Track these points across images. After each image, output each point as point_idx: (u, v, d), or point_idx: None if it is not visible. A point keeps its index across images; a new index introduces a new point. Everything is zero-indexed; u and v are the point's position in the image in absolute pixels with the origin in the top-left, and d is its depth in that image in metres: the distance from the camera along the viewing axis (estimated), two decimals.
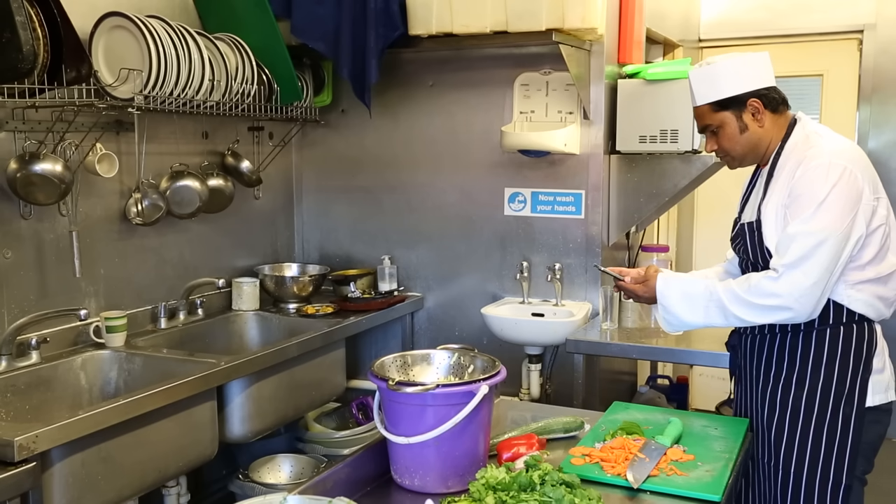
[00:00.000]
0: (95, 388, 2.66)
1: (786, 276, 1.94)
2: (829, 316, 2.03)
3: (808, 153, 2.02)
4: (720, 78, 2.11)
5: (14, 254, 2.52)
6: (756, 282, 1.98)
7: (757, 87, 2.09)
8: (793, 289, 1.93)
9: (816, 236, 1.92)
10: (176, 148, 3.09)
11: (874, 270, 2.02)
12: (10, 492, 1.81)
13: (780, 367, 2.10)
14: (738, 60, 2.11)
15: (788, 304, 1.94)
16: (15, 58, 2.12)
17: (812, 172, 1.97)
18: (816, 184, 1.96)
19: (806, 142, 2.06)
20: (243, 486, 2.95)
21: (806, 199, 1.96)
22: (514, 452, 1.81)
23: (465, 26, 3.04)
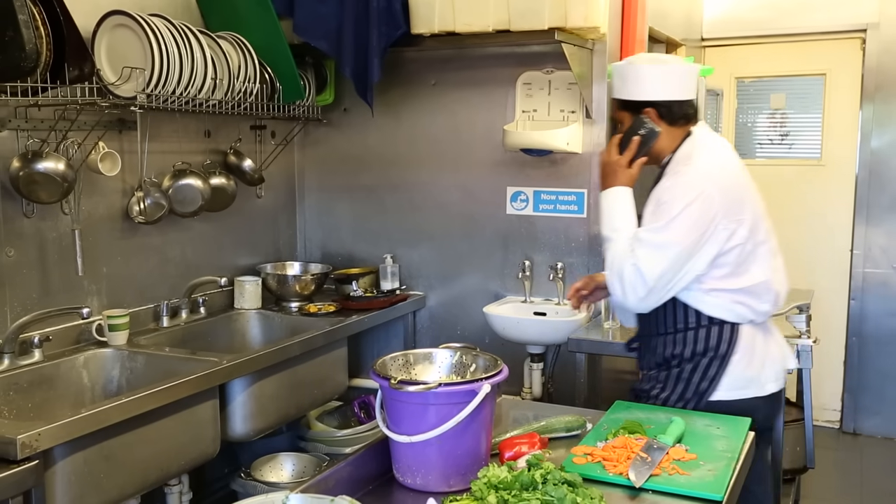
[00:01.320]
0: (98, 386, 2.66)
1: (629, 271, 2.14)
2: (689, 319, 2.23)
3: (681, 169, 2.19)
4: (628, 80, 2.27)
5: (17, 252, 2.52)
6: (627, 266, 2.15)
7: (659, 98, 2.24)
8: (631, 282, 2.13)
9: (660, 246, 2.11)
10: (178, 146, 3.09)
11: (733, 282, 2.19)
12: (12, 490, 1.81)
13: (660, 365, 2.30)
14: (652, 70, 2.26)
15: (624, 291, 2.15)
16: (18, 56, 2.12)
17: (675, 188, 2.15)
18: (675, 200, 2.13)
19: (688, 157, 2.22)
20: (245, 485, 2.95)
21: (662, 210, 2.14)
22: (517, 451, 1.81)
23: (468, 25, 3.04)
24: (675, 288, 2.16)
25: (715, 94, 3.40)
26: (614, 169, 2.30)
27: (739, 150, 4.90)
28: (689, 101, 2.28)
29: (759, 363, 2.25)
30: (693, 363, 2.23)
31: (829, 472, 4.20)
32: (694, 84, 2.31)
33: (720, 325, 2.21)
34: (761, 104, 5.05)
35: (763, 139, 5.08)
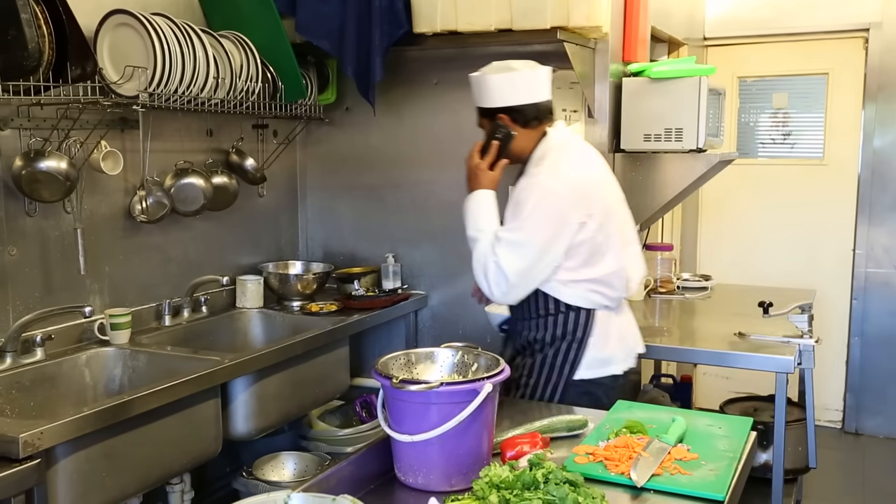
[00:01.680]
0: (100, 385, 2.67)
1: (492, 269, 2.32)
2: (549, 306, 2.43)
3: (533, 170, 2.38)
4: (482, 89, 2.44)
5: (19, 251, 2.53)
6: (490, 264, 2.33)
7: (509, 103, 2.40)
8: (494, 279, 2.32)
9: (517, 244, 2.30)
10: (180, 145, 3.09)
11: (587, 273, 2.38)
12: (14, 488, 1.81)
13: (525, 349, 2.53)
14: (500, 78, 2.41)
15: (490, 287, 2.34)
16: (20, 55, 2.12)
17: (528, 189, 2.33)
18: (527, 199, 2.30)
19: (541, 158, 2.40)
20: (247, 484, 2.96)
21: (518, 210, 2.31)
22: (518, 451, 1.81)
23: (470, 24, 3.04)
24: (536, 281, 2.36)
25: (717, 94, 3.39)
26: (476, 173, 2.44)
27: (741, 149, 4.94)
28: (540, 103, 2.44)
29: (613, 345, 2.47)
30: (554, 347, 2.45)
31: (830, 472, 4.20)
32: (545, 87, 2.47)
33: (577, 311, 2.42)
34: (763, 104, 5.05)
35: (765, 139, 5.07)
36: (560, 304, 2.42)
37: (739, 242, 4.98)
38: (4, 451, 1.84)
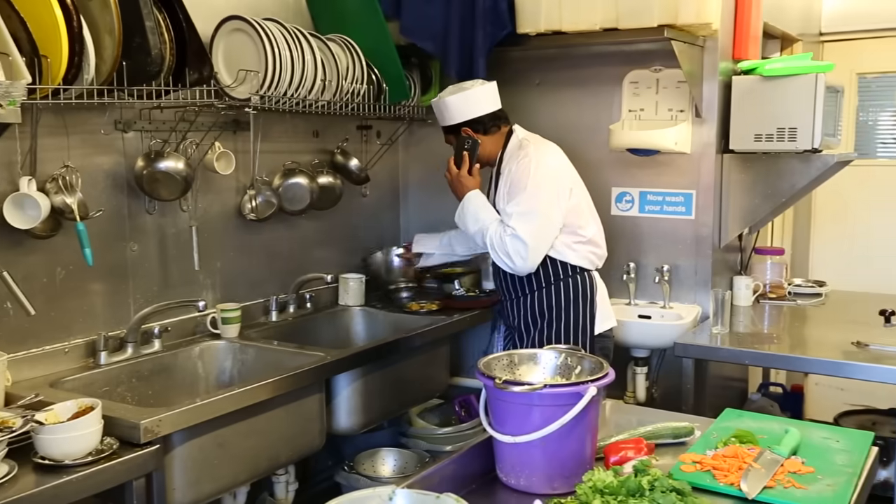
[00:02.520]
0: (211, 376, 2.78)
1: (509, 241, 2.69)
2: (559, 272, 2.79)
3: (519, 153, 2.77)
4: (444, 111, 2.86)
5: (140, 247, 2.66)
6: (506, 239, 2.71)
7: (469, 117, 2.83)
8: (514, 249, 2.68)
9: (525, 213, 2.68)
10: (288, 146, 3.18)
11: (584, 233, 2.79)
12: (136, 472, 1.91)
13: (535, 318, 2.83)
14: (456, 98, 2.82)
15: (512, 259, 2.70)
16: (144, 61, 2.23)
17: (519, 168, 2.73)
18: (522, 175, 2.70)
19: (519, 147, 2.81)
20: (348, 478, 3.02)
21: (516, 187, 2.71)
22: (622, 456, 1.78)
23: (575, 24, 3.01)
24: (548, 242, 2.74)
25: (835, 92, 3.23)
26: (459, 180, 2.85)
27: (860, 149, 4.69)
28: (495, 111, 2.88)
29: (606, 301, 2.90)
30: (574, 309, 2.80)
31: None
32: (495, 97, 2.90)
33: (582, 273, 2.81)
34: (885, 101, 4.77)
35: (886, 138, 4.80)
36: (568, 268, 2.78)
37: (856, 247, 4.72)
38: (127, 437, 1.94)
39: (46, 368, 2.38)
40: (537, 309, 2.83)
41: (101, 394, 2.30)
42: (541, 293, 2.81)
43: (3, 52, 1.77)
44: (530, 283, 2.82)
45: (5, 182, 2.23)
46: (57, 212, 2.29)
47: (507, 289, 2.90)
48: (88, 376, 2.40)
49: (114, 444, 1.91)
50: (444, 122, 2.89)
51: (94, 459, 1.84)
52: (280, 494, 2.80)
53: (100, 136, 2.51)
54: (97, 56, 2.16)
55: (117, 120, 2.54)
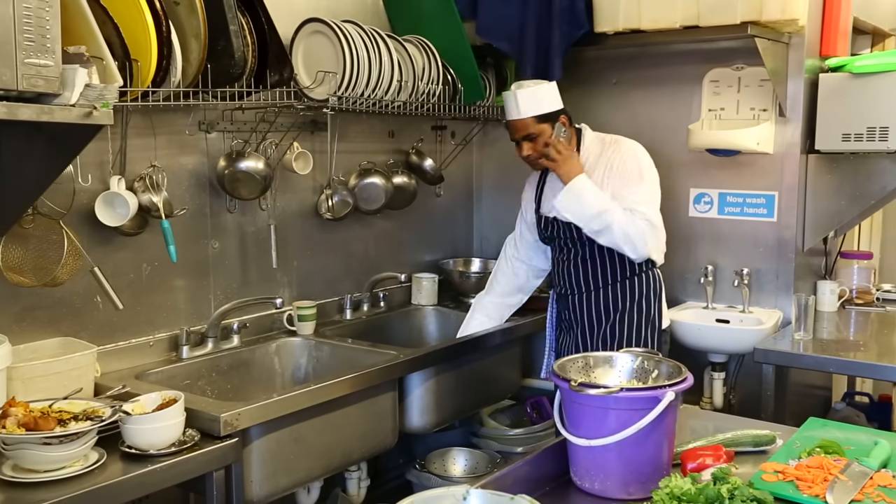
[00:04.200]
0: (287, 372, 2.83)
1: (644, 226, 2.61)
2: (636, 266, 2.75)
3: (614, 144, 2.75)
4: (538, 98, 2.71)
5: (221, 245, 2.73)
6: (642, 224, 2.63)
7: (561, 106, 2.73)
8: (648, 233, 2.63)
9: (650, 201, 2.66)
10: (364, 146, 3.22)
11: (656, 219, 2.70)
12: (216, 463, 1.96)
13: (608, 312, 2.77)
14: (548, 86, 2.73)
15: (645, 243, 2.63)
16: (228, 63, 2.29)
17: (630, 159, 2.70)
18: (634, 166, 2.68)
19: (612, 142, 2.76)
20: (420, 476, 3.03)
21: (632, 177, 2.66)
22: (700, 463, 1.74)
23: (654, 22, 2.96)
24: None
25: None
26: (572, 158, 2.68)
27: None
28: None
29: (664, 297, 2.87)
30: (646, 303, 2.76)
31: None
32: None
33: (653, 268, 2.78)
34: None
35: None
36: (644, 262, 2.73)
37: None
38: (207, 429, 2.00)
39: (132, 361, 2.46)
40: (610, 303, 2.77)
41: (182, 386, 2.38)
42: (615, 287, 2.76)
43: (98, 56, 1.85)
44: (605, 276, 2.76)
45: (97, 181, 2.32)
46: (144, 210, 2.38)
47: (580, 283, 2.80)
48: (171, 369, 2.48)
49: (195, 436, 1.96)
50: (540, 110, 2.70)
51: (177, 450, 1.89)
52: (352, 490, 2.84)
53: (184, 137, 2.59)
54: (184, 59, 2.23)
55: (201, 121, 2.62)
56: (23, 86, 1.67)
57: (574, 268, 2.80)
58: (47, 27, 1.69)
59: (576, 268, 2.79)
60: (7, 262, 2.13)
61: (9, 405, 1.76)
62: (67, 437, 1.72)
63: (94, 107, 1.79)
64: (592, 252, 2.75)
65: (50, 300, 2.27)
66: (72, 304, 2.33)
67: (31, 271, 2.15)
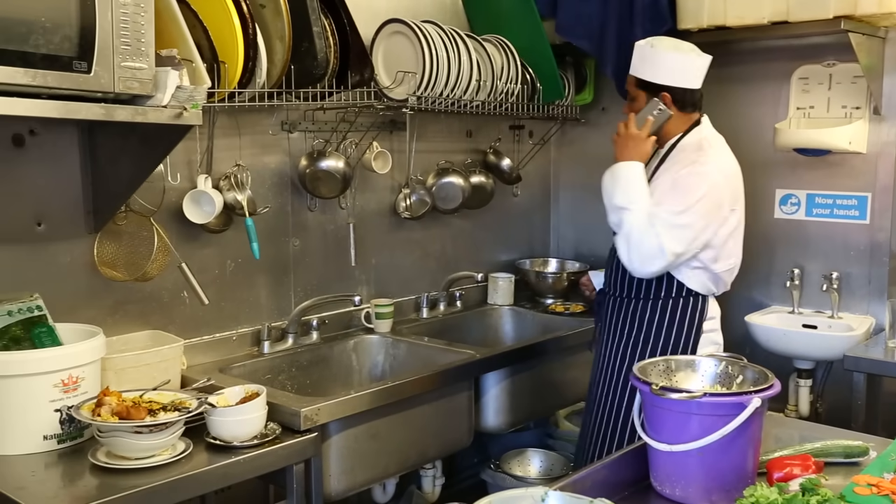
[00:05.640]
0: (364, 369, 2.87)
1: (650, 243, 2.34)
2: (672, 289, 2.48)
3: (699, 158, 2.40)
4: (648, 62, 2.44)
5: (301, 242, 2.78)
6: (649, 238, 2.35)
7: (675, 84, 2.42)
8: (649, 253, 2.35)
9: (680, 227, 2.34)
10: (442, 146, 3.24)
11: (715, 266, 2.45)
12: (296, 457, 2.00)
13: (632, 328, 2.53)
14: (674, 56, 2.42)
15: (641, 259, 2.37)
16: (311, 64, 2.33)
17: (694, 176, 2.36)
18: (694, 187, 2.35)
19: (698, 146, 2.44)
20: (494, 476, 3.03)
21: (681, 194, 2.35)
22: (787, 473, 1.68)
23: (740, 18, 2.88)
24: (680, 264, 2.41)
25: None
26: (636, 142, 2.43)
27: None
28: (697, 90, 2.47)
29: (716, 331, 2.56)
30: (676, 330, 2.49)
31: None
32: (703, 75, 2.48)
33: (696, 295, 2.49)
34: None
35: None
36: (683, 289, 2.48)
37: None
38: (288, 423, 2.04)
39: (216, 354, 2.54)
40: (637, 316, 2.52)
41: (263, 381, 2.43)
42: (645, 303, 2.51)
43: (188, 59, 1.91)
44: (639, 288, 2.52)
45: (185, 179, 2.40)
46: (228, 208, 2.44)
47: (619, 283, 2.58)
48: (253, 363, 2.54)
49: (277, 430, 2.00)
50: (646, 75, 2.45)
51: (259, 443, 1.94)
52: (427, 488, 2.86)
53: (268, 137, 2.65)
54: (268, 61, 2.28)
55: (284, 121, 2.67)
56: (119, 88, 1.74)
57: (616, 271, 2.58)
58: (142, 31, 1.76)
59: (620, 273, 2.56)
60: (101, 258, 2.22)
61: (103, 394, 1.84)
62: (157, 426, 1.78)
63: (185, 108, 1.86)
64: None
65: (140, 294, 2.36)
66: (160, 298, 2.41)
67: (124, 266, 2.24)
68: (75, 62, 1.67)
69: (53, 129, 2.14)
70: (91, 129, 2.19)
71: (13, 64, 1.58)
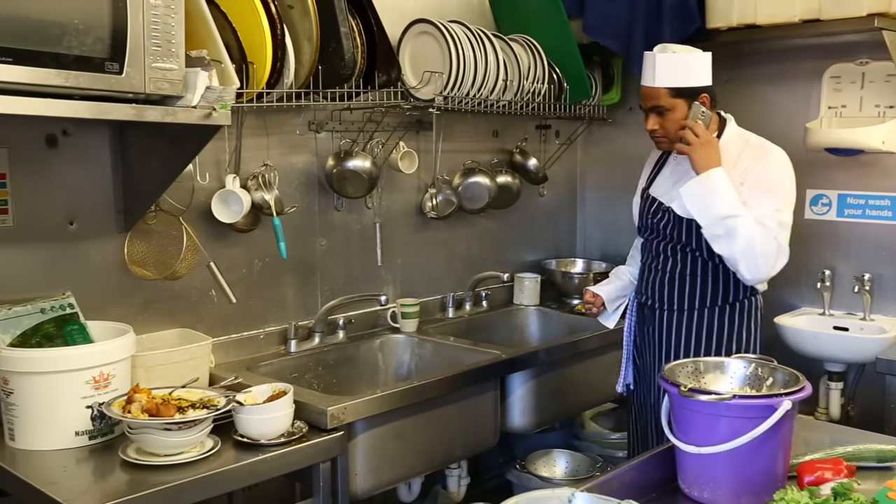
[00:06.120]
0: (390, 368, 2.87)
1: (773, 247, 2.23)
2: (740, 290, 2.39)
3: (762, 152, 2.32)
4: (682, 67, 2.33)
5: (328, 242, 2.80)
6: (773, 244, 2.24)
7: (707, 84, 2.35)
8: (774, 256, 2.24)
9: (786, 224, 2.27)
10: (468, 146, 3.23)
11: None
12: (323, 455, 2.01)
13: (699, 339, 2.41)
14: (699, 56, 2.34)
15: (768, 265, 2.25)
16: (338, 65, 2.34)
17: (774, 171, 2.30)
18: (778, 182, 2.28)
19: (744, 140, 2.36)
20: (520, 477, 3.02)
21: (774, 192, 2.27)
22: (819, 477, 1.65)
23: (771, 16, 2.84)
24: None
25: None
26: (714, 147, 2.29)
27: None
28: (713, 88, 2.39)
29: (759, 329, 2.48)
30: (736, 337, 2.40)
31: None
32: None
33: (757, 295, 2.44)
34: None
35: None
36: (746, 290, 2.40)
37: None
38: (314, 421, 2.05)
39: (243, 353, 2.56)
40: (704, 328, 2.40)
41: (290, 379, 2.45)
42: (712, 311, 2.40)
43: (217, 59, 1.92)
44: (704, 296, 2.39)
45: (214, 179, 2.42)
46: (256, 207, 2.46)
47: (672, 298, 2.43)
48: (279, 362, 2.56)
49: (303, 428, 2.02)
50: (678, 82, 2.31)
51: (286, 441, 1.95)
52: (453, 488, 2.86)
53: (295, 137, 2.66)
54: (296, 61, 2.30)
55: (311, 121, 2.69)
56: (150, 89, 1.76)
57: (670, 281, 2.43)
58: (173, 33, 1.78)
59: (671, 281, 2.43)
60: (132, 256, 2.25)
61: (133, 391, 1.86)
62: (186, 423, 1.80)
63: (214, 108, 1.87)
64: (695, 265, 2.39)
65: (169, 293, 2.38)
66: (189, 297, 2.43)
67: (153, 265, 2.26)
68: (107, 63, 1.69)
69: (85, 129, 2.17)
70: (122, 129, 2.22)
71: (47, 65, 1.61)
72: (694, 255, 2.38)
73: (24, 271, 2.09)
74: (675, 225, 2.38)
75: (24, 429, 1.88)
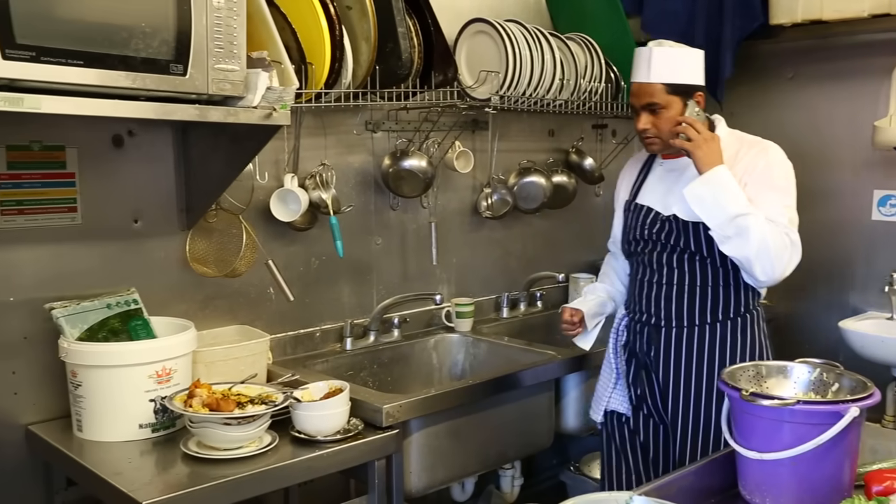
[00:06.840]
0: (445, 367, 2.88)
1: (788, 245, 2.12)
2: (748, 300, 2.28)
3: (759, 149, 2.22)
4: (681, 63, 2.21)
5: (384, 241, 2.81)
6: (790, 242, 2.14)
7: (701, 83, 2.24)
8: (790, 255, 2.13)
9: (795, 221, 2.19)
10: (524, 145, 3.22)
11: None
12: (378, 453, 2.03)
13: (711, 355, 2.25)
14: (694, 54, 2.23)
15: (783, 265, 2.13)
16: (395, 65, 2.36)
17: (777, 167, 2.21)
18: (782, 179, 2.20)
19: (736, 139, 2.25)
20: (574, 478, 3.00)
21: (780, 190, 2.18)
22: (888, 486, 1.60)
23: (838, 11, 2.77)
24: None
25: None
26: (717, 144, 2.17)
27: None
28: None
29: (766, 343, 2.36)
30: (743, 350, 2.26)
31: None
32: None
33: (758, 304, 2.32)
34: None
35: None
36: (758, 296, 2.32)
37: None
38: (370, 419, 2.07)
39: (300, 350, 2.59)
40: (707, 345, 2.25)
41: (346, 377, 2.47)
42: (725, 326, 2.25)
43: (277, 60, 1.95)
44: (714, 310, 2.24)
45: (272, 178, 2.45)
46: (313, 206, 2.49)
47: (681, 313, 2.26)
48: (335, 360, 2.59)
49: (359, 426, 2.03)
50: (676, 78, 2.19)
51: (342, 438, 1.97)
52: (506, 488, 2.85)
53: (352, 136, 2.68)
54: (354, 61, 2.32)
55: (368, 121, 2.71)
56: (212, 90, 1.79)
57: (678, 294, 2.26)
58: (235, 34, 1.81)
59: (680, 295, 2.25)
60: (193, 254, 2.30)
61: (194, 386, 1.90)
62: (245, 418, 1.83)
63: (274, 108, 1.90)
64: (705, 274, 2.23)
65: (229, 290, 2.42)
66: (248, 294, 2.47)
67: (214, 262, 2.31)
68: (172, 65, 1.73)
69: (150, 129, 2.22)
70: (185, 129, 2.27)
71: (115, 67, 1.65)
72: (704, 263, 2.22)
73: (90, 267, 2.15)
74: (680, 232, 2.22)
75: (91, 420, 1.94)
